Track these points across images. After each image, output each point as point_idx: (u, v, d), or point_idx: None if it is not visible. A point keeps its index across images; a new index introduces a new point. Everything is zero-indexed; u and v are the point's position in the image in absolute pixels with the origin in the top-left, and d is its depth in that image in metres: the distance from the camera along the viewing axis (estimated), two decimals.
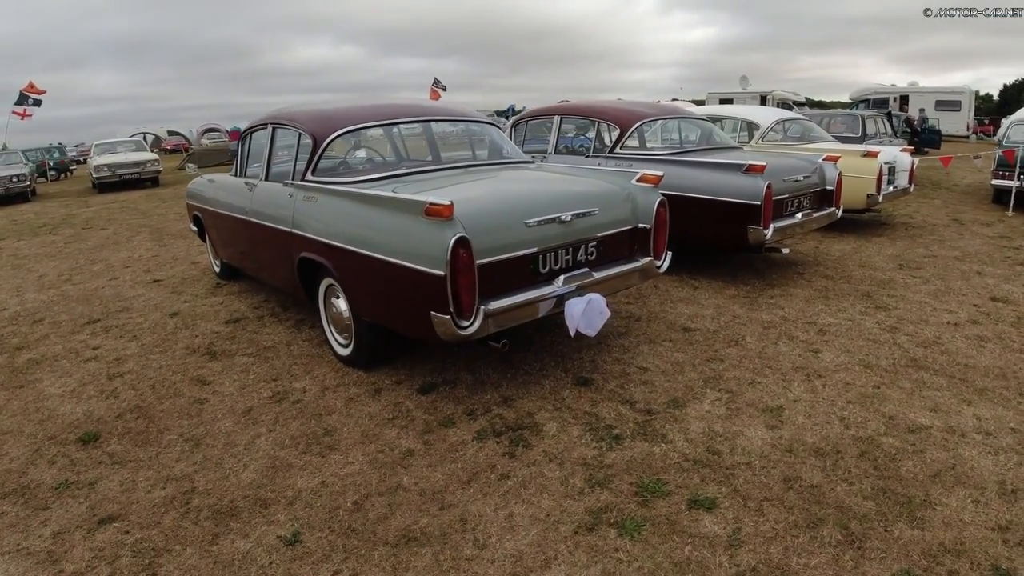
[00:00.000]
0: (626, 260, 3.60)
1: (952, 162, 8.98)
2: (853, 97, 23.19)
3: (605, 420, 3.04)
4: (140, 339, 4.51)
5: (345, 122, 3.83)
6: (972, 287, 5.02)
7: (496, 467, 2.70)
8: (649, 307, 4.63)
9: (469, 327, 2.84)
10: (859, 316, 4.37)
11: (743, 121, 7.74)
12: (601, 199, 3.46)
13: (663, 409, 3.11)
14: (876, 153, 6.56)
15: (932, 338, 3.96)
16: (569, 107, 6.23)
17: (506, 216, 3.05)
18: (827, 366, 3.56)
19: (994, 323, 4.21)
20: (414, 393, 3.41)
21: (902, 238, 6.83)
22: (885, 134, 10.64)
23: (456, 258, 2.73)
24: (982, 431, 2.85)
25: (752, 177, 4.69)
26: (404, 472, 2.69)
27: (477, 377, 3.56)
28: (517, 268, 3.07)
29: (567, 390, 3.36)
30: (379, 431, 3.04)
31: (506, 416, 3.12)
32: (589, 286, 3.33)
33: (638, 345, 3.91)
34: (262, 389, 3.59)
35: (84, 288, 5.97)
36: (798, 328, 4.15)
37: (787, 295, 4.86)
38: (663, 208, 3.67)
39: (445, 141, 4.36)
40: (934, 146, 15.16)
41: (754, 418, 2.99)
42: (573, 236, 3.26)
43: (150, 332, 4.64)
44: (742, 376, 3.45)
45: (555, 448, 2.82)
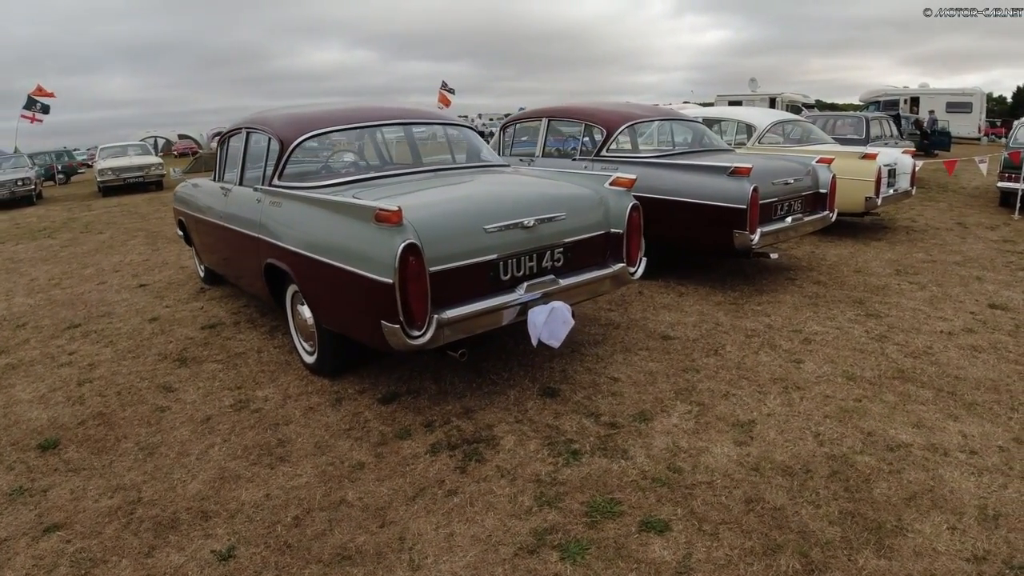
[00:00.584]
0: (598, 266, 3.44)
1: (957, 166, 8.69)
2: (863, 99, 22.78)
3: (566, 434, 2.89)
4: (115, 344, 4.45)
5: (312, 126, 3.73)
6: (971, 293, 4.79)
7: (445, 483, 2.57)
8: (630, 314, 4.46)
9: (421, 337, 2.73)
10: (848, 324, 4.17)
11: (740, 123, 7.54)
12: (570, 203, 3.32)
13: (628, 423, 2.96)
14: (874, 155, 6.33)
15: (923, 348, 3.76)
16: (556, 109, 6.09)
17: (463, 222, 2.93)
18: (808, 377, 3.38)
19: (990, 332, 4.00)
20: (375, 403, 3.29)
21: (902, 242, 6.59)
22: (891, 136, 10.36)
23: (405, 265, 2.63)
24: (967, 449, 2.65)
25: (737, 180, 4.51)
26: (351, 486, 2.58)
27: (442, 387, 3.43)
28: (475, 275, 2.94)
29: (532, 401, 3.21)
30: (333, 442, 2.93)
31: (464, 428, 2.98)
32: (555, 294, 3.19)
33: (613, 354, 3.75)
34: (225, 397, 3.50)
35: (71, 293, 5.94)
36: (782, 337, 3.97)
37: (775, 302, 4.67)
38: (636, 212, 3.52)
39: (419, 145, 4.24)
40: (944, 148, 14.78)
41: (723, 433, 2.82)
42: (537, 242, 3.13)
43: (126, 338, 4.57)
44: (716, 388, 3.27)
45: (509, 463, 2.67)
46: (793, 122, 8.03)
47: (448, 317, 2.80)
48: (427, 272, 2.71)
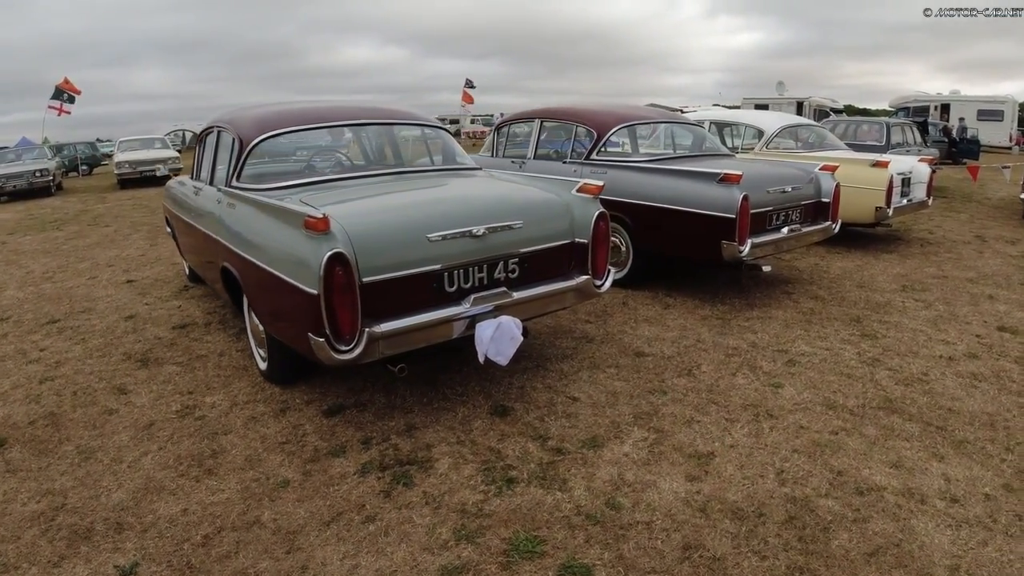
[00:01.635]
0: (560, 278, 3.21)
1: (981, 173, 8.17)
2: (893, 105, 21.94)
3: (507, 459, 2.67)
4: (87, 342, 4.38)
5: (272, 125, 3.58)
6: (979, 314, 4.41)
7: (365, 508, 2.39)
8: (608, 326, 4.21)
9: (349, 352, 2.55)
10: (839, 345, 3.86)
11: (747, 127, 7.20)
12: (528, 211, 3.09)
13: (576, 449, 2.72)
14: (886, 163, 5.94)
15: (917, 374, 3.43)
16: (549, 110, 5.85)
17: (404, 230, 2.73)
18: (783, 404, 3.09)
19: (995, 358, 3.64)
20: (319, 415, 3.13)
21: (915, 255, 6.18)
22: (914, 144, 9.85)
23: (331, 276, 2.45)
24: (947, 496, 2.35)
25: (727, 187, 4.22)
26: (269, 506, 2.42)
27: (391, 400, 3.24)
28: (417, 287, 2.74)
29: (480, 420, 3.00)
30: (265, 456, 2.78)
31: (401, 447, 2.79)
32: (508, 307, 2.97)
33: (578, 370, 3.51)
34: (173, 402, 3.38)
35: (61, 287, 5.92)
36: (765, 357, 3.68)
37: (766, 317, 4.37)
38: (603, 222, 3.27)
39: (387, 146, 4.06)
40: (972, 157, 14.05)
41: (676, 466, 2.57)
42: (489, 252, 2.91)
43: (99, 335, 4.50)
44: (681, 413, 3.01)
45: (438, 489, 2.47)
46: (806, 127, 7.64)
47: (383, 331, 2.62)
48: (358, 283, 2.54)
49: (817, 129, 7.68)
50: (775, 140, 7.01)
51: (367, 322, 2.61)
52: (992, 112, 19.66)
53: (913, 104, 20.50)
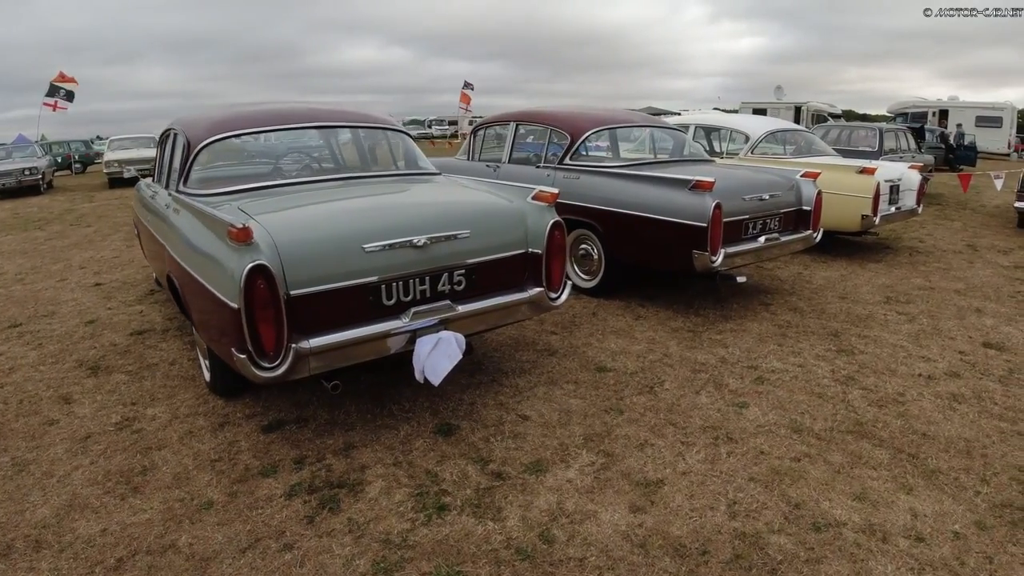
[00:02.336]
0: (514, 290, 3.01)
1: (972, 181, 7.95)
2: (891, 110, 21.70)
3: (443, 483, 2.47)
4: (43, 347, 4.20)
5: (220, 128, 3.40)
6: (965, 328, 4.20)
7: (285, 534, 2.21)
8: (574, 339, 4.01)
9: (274, 369, 2.39)
10: (814, 361, 3.65)
11: (733, 131, 6.99)
12: (479, 220, 2.90)
13: (517, 473, 2.52)
14: (873, 170, 5.73)
15: (892, 395, 3.22)
16: (525, 113, 5.66)
17: (337, 240, 2.55)
18: (746, 427, 2.88)
19: (978, 376, 3.42)
20: (257, 431, 2.94)
21: (902, 265, 5.96)
22: (908, 150, 9.62)
23: (252, 289, 2.29)
24: (912, 534, 2.14)
25: (698, 195, 4.01)
26: (189, 529, 2.26)
27: (334, 416, 3.04)
28: (351, 300, 2.56)
29: (422, 439, 2.80)
30: (194, 475, 2.62)
31: (335, 468, 2.60)
32: (454, 321, 2.78)
33: (535, 386, 3.31)
34: (114, 413, 3.21)
35: (30, 289, 5.75)
36: (733, 373, 3.47)
37: (739, 330, 4.16)
38: (559, 231, 3.07)
39: (343, 149, 3.87)
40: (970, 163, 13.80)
41: (621, 494, 2.37)
42: (432, 263, 2.72)
43: (56, 340, 4.33)
44: (635, 435, 2.81)
45: (364, 515, 2.29)
46: (793, 132, 7.43)
47: (312, 346, 2.44)
48: (283, 297, 2.37)
49: (805, 134, 7.47)
50: (762, 145, 6.80)
51: (296, 337, 2.44)
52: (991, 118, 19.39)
53: (911, 110, 20.27)
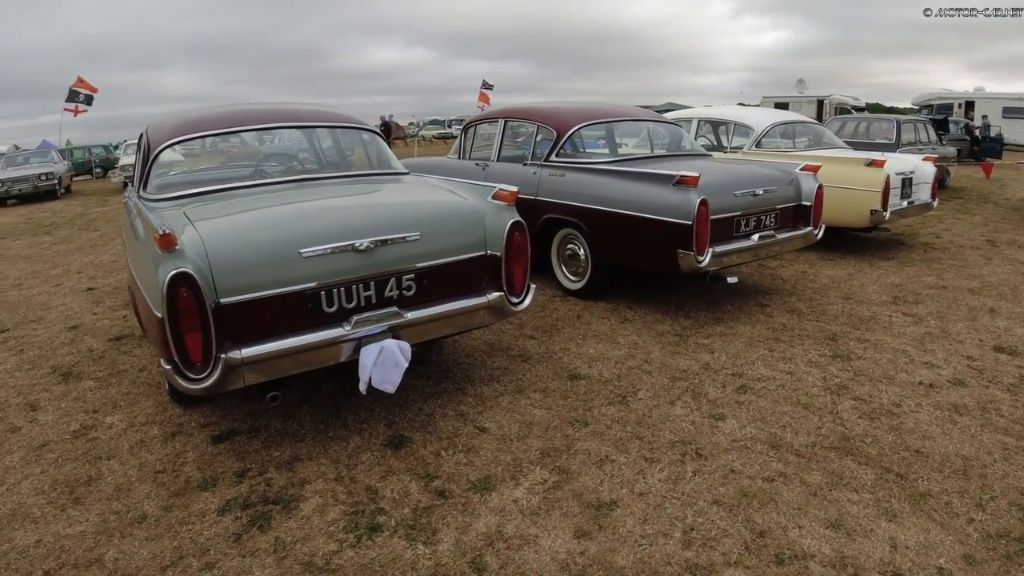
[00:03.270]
0: (472, 295, 2.82)
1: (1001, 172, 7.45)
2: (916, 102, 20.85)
3: (382, 500, 2.30)
4: (24, 353, 4.17)
5: (178, 131, 3.29)
6: (976, 330, 3.85)
7: (210, 552, 2.09)
8: (552, 344, 3.79)
9: (203, 380, 2.27)
10: (805, 368, 3.37)
11: (736, 125, 6.67)
12: (432, 222, 2.72)
13: (462, 491, 2.33)
14: (882, 162, 5.36)
15: (887, 405, 2.93)
16: (513, 109, 5.45)
17: (271, 245, 2.41)
18: (719, 442, 2.64)
19: (984, 385, 3.11)
20: (207, 441, 2.82)
21: (915, 262, 5.58)
22: (928, 142, 9.12)
23: (175, 298, 2.18)
24: (889, 570, 1.89)
25: (683, 191, 3.76)
26: (119, 543, 2.18)
27: (286, 427, 2.89)
28: (288, 307, 2.42)
29: (370, 452, 2.63)
30: (136, 486, 2.52)
31: (275, 482, 2.47)
32: (403, 328, 2.60)
33: (501, 395, 3.11)
34: (74, 421, 3.14)
35: (25, 294, 5.76)
36: (715, 382, 3.21)
37: (730, 334, 3.89)
38: (519, 232, 2.87)
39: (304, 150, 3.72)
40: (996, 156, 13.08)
41: (568, 517, 2.15)
42: (376, 268, 2.56)
43: (38, 346, 4.29)
44: (596, 450, 2.59)
45: (293, 535, 2.14)
46: (802, 124, 7.07)
47: (245, 356, 2.30)
48: (210, 305, 2.24)
49: (815, 127, 7.10)
50: (769, 139, 6.46)
51: (227, 347, 2.31)
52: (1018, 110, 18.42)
53: (937, 102, 19.42)
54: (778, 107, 25.38)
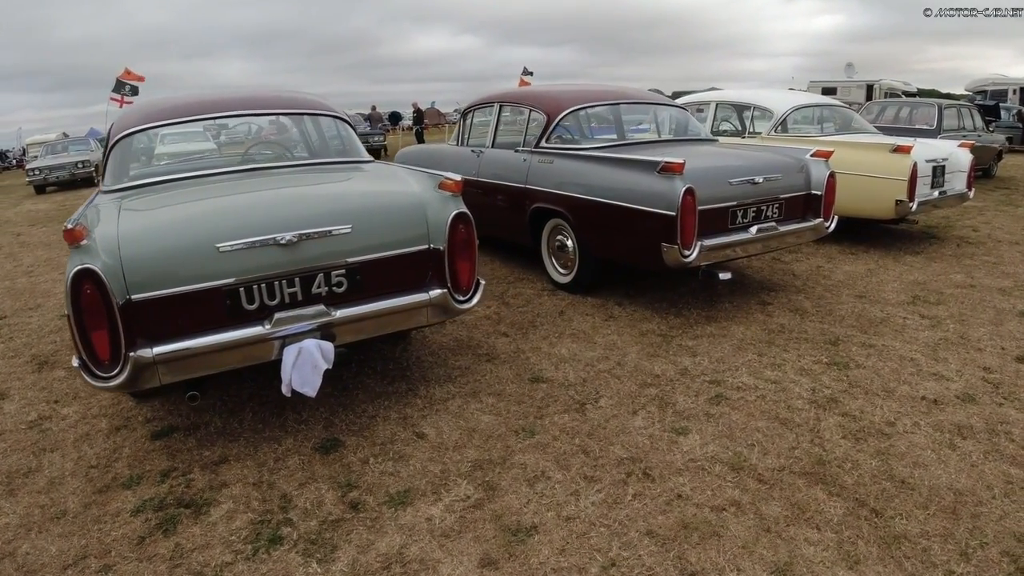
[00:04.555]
0: (414, 291, 2.59)
1: None
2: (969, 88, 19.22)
3: (292, 510, 2.13)
4: (12, 341, 4.20)
5: (135, 121, 3.18)
6: (999, 337, 3.37)
7: (111, 554, 2.00)
8: (525, 342, 3.52)
9: (112, 378, 2.16)
10: (795, 376, 2.99)
11: (756, 108, 6.15)
12: (366, 214, 2.50)
13: (376, 505, 2.12)
14: (908, 148, 4.80)
15: (879, 424, 2.54)
16: (508, 94, 5.14)
17: (187, 239, 2.26)
18: (673, 461, 2.33)
19: (998, 402, 2.67)
20: (146, 437, 2.72)
21: (944, 258, 5.01)
22: (973, 128, 8.28)
23: (78, 295, 2.08)
24: None
25: (667, 179, 3.40)
26: (35, 539, 2.11)
27: (226, 425, 2.75)
28: (205, 304, 2.26)
29: (298, 456, 2.45)
30: (68, 480, 2.44)
31: (195, 483, 2.34)
32: (334, 327, 2.41)
33: (452, 398, 2.88)
34: (34, 411, 3.10)
35: (34, 281, 5.86)
36: (689, 390, 2.88)
37: (719, 335, 3.53)
38: (463, 224, 2.61)
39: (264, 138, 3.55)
40: None
41: (480, 542, 1.91)
42: (302, 263, 2.37)
43: (27, 334, 4.32)
44: (534, 464, 2.32)
45: (194, 542, 2.01)
46: (829, 108, 6.47)
47: (156, 354, 2.17)
48: (117, 302, 2.12)
49: (843, 111, 6.49)
50: (794, 124, 5.93)
51: (139, 344, 2.18)
52: None
53: (991, 87, 17.81)
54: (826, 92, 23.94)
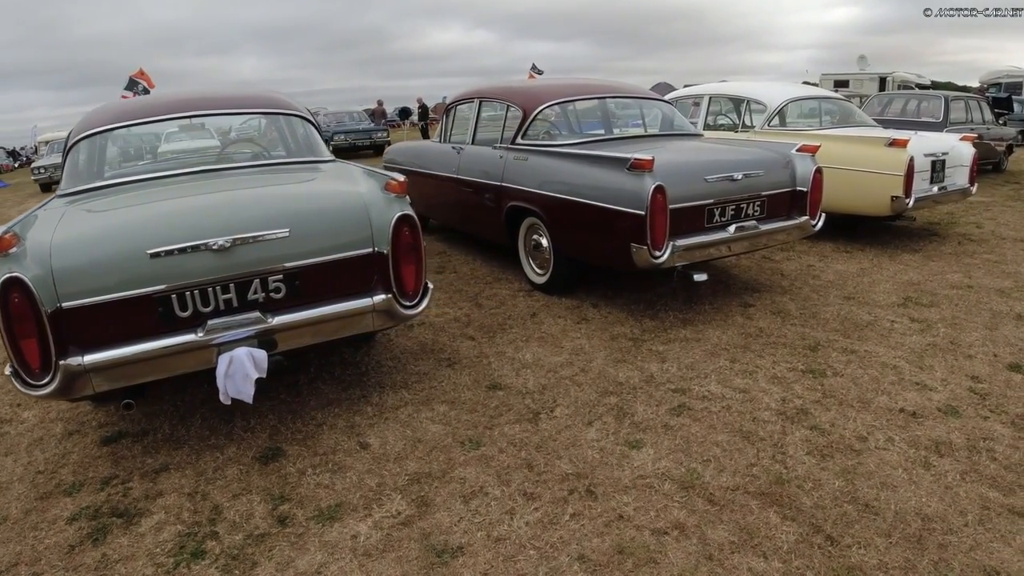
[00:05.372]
0: (358, 296, 2.46)
1: None
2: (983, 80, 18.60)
3: (220, 523, 2.04)
4: None
5: (89, 124, 3.11)
6: (992, 342, 3.14)
7: (40, 562, 1.94)
8: (490, 346, 3.37)
9: (44, 387, 2.11)
10: (766, 385, 2.81)
11: (750, 101, 5.91)
12: (305, 217, 2.38)
13: (305, 519, 2.01)
14: (904, 142, 4.55)
15: (849, 439, 2.36)
16: (486, 89, 4.97)
17: (118, 245, 2.19)
18: (621, 477, 2.17)
19: (983, 416, 2.47)
20: (96, 442, 2.65)
21: (944, 256, 4.76)
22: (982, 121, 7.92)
23: (7, 303, 2.03)
24: None
25: (636, 176, 3.22)
26: None
27: (174, 432, 2.65)
28: (137, 312, 2.18)
29: (237, 466, 2.34)
30: (14, 486, 2.39)
31: (133, 492, 2.26)
32: (273, 333, 2.30)
33: (403, 406, 2.74)
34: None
35: None
36: (651, 399, 2.72)
37: (694, 339, 3.34)
38: (407, 227, 2.46)
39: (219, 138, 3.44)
40: None
41: (401, 563, 1.77)
42: (238, 268, 2.27)
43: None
44: (473, 479, 2.18)
45: (122, 552, 1.95)
46: (828, 100, 6.21)
47: (87, 363, 2.11)
48: (46, 311, 2.06)
49: (843, 104, 6.21)
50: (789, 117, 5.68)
51: (71, 352, 2.11)
52: None
53: (1005, 79, 17.20)
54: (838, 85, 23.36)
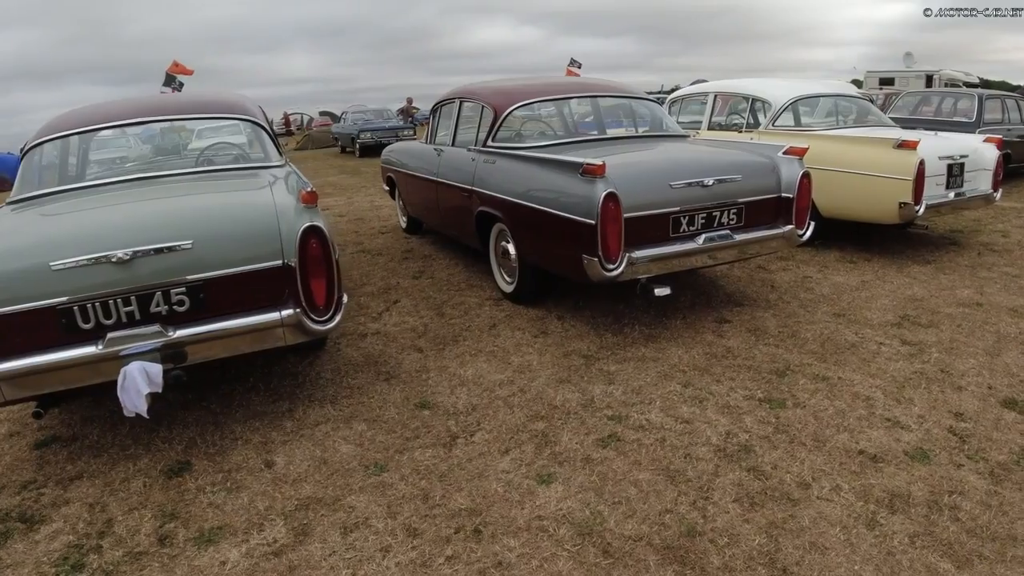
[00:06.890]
0: (265, 310, 2.32)
1: None
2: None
3: (107, 537, 1.98)
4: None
5: (45, 131, 3.10)
6: (990, 371, 2.74)
7: None
8: (435, 360, 3.17)
9: None
10: (713, 416, 2.51)
11: (754, 99, 5.49)
12: (210, 228, 2.28)
13: (184, 540, 1.92)
14: (914, 144, 4.09)
15: (790, 485, 2.05)
16: (466, 89, 4.75)
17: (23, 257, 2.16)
18: (517, 517, 1.94)
19: (957, 463, 2.11)
20: (30, 446, 2.63)
21: (958, 269, 4.26)
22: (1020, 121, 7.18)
23: None
24: None
25: (588, 182, 2.95)
26: None
27: (102, 438, 2.61)
28: (40, 323, 2.13)
29: (145, 478, 2.28)
30: None
31: (43, 498, 2.22)
32: (173, 347, 2.20)
33: (323, 423, 2.58)
34: None
35: None
36: (583, 427, 2.46)
37: (652, 359, 3.06)
38: (315, 239, 2.30)
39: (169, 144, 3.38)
40: None
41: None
42: (139, 281, 2.19)
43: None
44: (363, 508, 2.00)
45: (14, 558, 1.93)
46: (845, 99, 5.71)
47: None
48: None
49: (859, 102, 5.70)
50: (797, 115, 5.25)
51: None
52: None
53: None
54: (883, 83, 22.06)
